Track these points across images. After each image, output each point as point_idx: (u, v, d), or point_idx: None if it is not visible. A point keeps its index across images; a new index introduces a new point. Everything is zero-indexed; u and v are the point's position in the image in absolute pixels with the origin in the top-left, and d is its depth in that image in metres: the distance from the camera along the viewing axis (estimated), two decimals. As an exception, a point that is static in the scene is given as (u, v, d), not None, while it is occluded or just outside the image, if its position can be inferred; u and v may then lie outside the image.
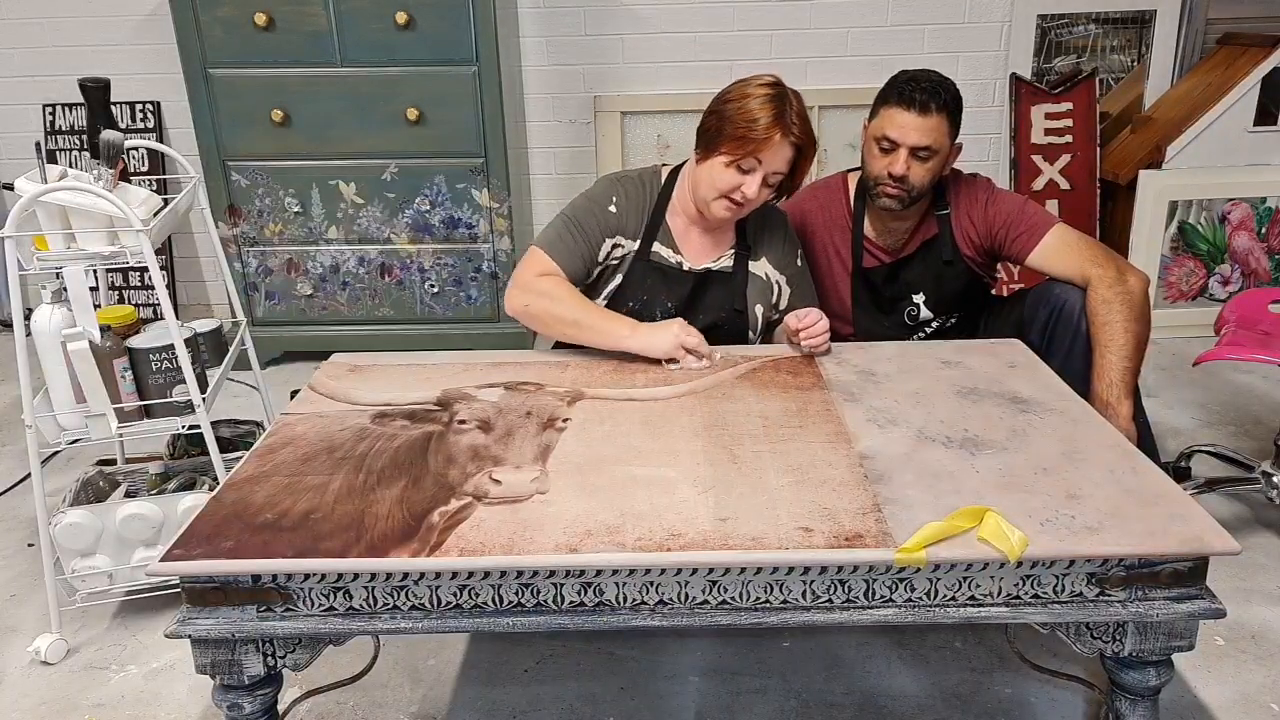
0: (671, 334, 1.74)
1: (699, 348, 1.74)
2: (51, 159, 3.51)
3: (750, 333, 1.94)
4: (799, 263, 2.01)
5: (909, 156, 1.91)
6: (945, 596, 1.21)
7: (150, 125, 3.57)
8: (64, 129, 3.60)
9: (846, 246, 2.10)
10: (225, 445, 2.09)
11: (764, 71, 1.84)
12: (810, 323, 1.79)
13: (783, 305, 1.99)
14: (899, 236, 2.08)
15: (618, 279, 1.91)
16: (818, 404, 1.58)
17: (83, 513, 1.85)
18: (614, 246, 1.91)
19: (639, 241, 1.91)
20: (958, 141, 1.98)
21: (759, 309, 1.94)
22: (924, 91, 1.89)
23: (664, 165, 2.00)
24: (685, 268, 1.92)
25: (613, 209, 1.90)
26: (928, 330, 2.14)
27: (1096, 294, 1.85)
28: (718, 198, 1.81)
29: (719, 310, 1.91)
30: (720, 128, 1.77)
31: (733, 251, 1.94)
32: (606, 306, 1.89)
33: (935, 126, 1.90)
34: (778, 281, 1.97)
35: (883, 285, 2.11)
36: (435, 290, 3.26)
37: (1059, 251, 1.94)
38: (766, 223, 1.99)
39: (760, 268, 1.95)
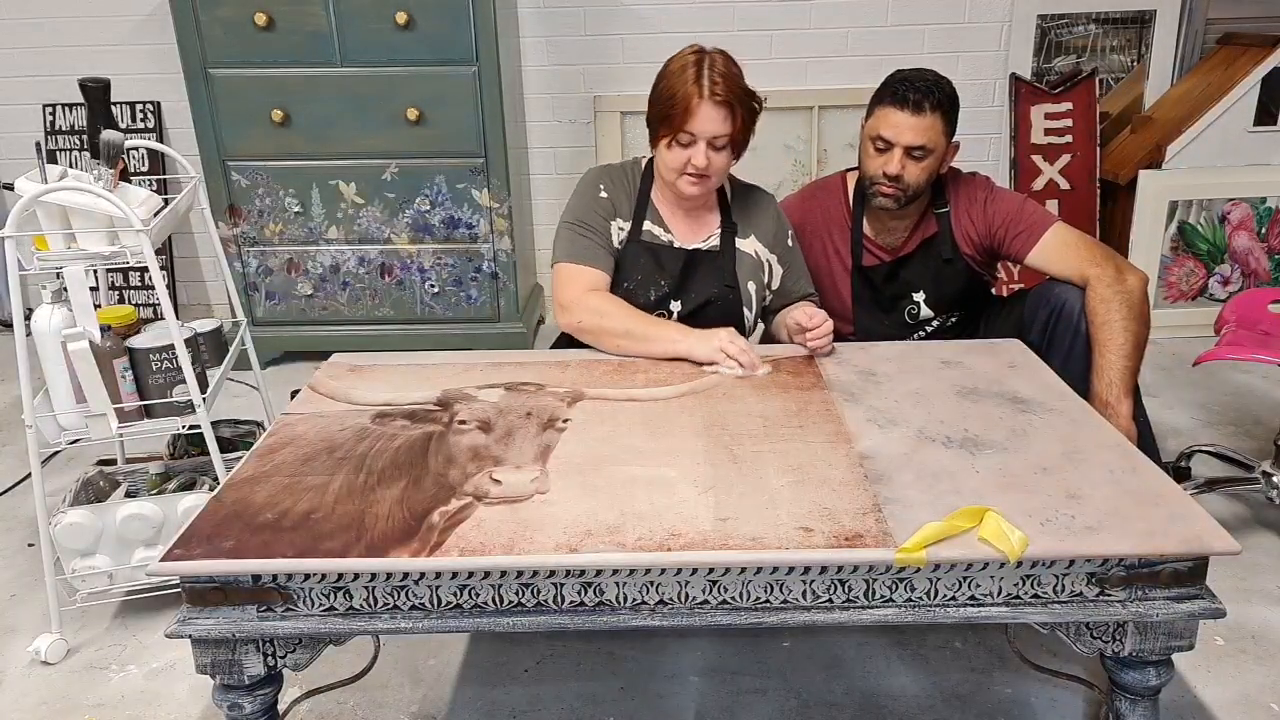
0: (716, 341, 1.75)
1: (739, 356, 1.72)
2: (51, 159, 3.51)
3: (746, 310, 1.95)
4: (790, 243, 2.02)
5: (904, 156, 1.92)
6: (945, 596, 1.21)
7: (150, 125, 3.57)
8: (64, 129, 3.60)
9: (846, 245, 2.10)
10: (225, 445, 2.09)
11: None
12: (819, 323, 1.80)
13: (774, 285, 2.00)
14: (898, 235, 2.08)
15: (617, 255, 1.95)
16: (818, 404, 1.58)
17: (83, 513, 1.85)
18: (618, 229, 1.95)
19: (630, 222, 1.94)
20: (955, 140, 1.98)
21: (751, 286, 1.96)
22: (918, 91, 1.89)
23: (643, 156, 2.03)
24: (676, 245, 1.94)
25: (603, 194, 1.95)
26: (928, 329, 2.14)
27: (1096, 293, 1.85)
28: (678, 177, 1.85)
29: (711, 288, 1.93)
30: (652, 113, 1.84)
31: (719, 231, 1.96)
32: (610, 284, 1.92)
33: (930, 126, 1.90)
34: (768, 260, 1.98)
35: (883, 284, 2.11)
36: (435, 290, 3.26)
37: (1058, 251, 1.94)
38: (751, 203, 2.01)
39: (749, 245, 1.97)
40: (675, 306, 1.93)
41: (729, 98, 1.78)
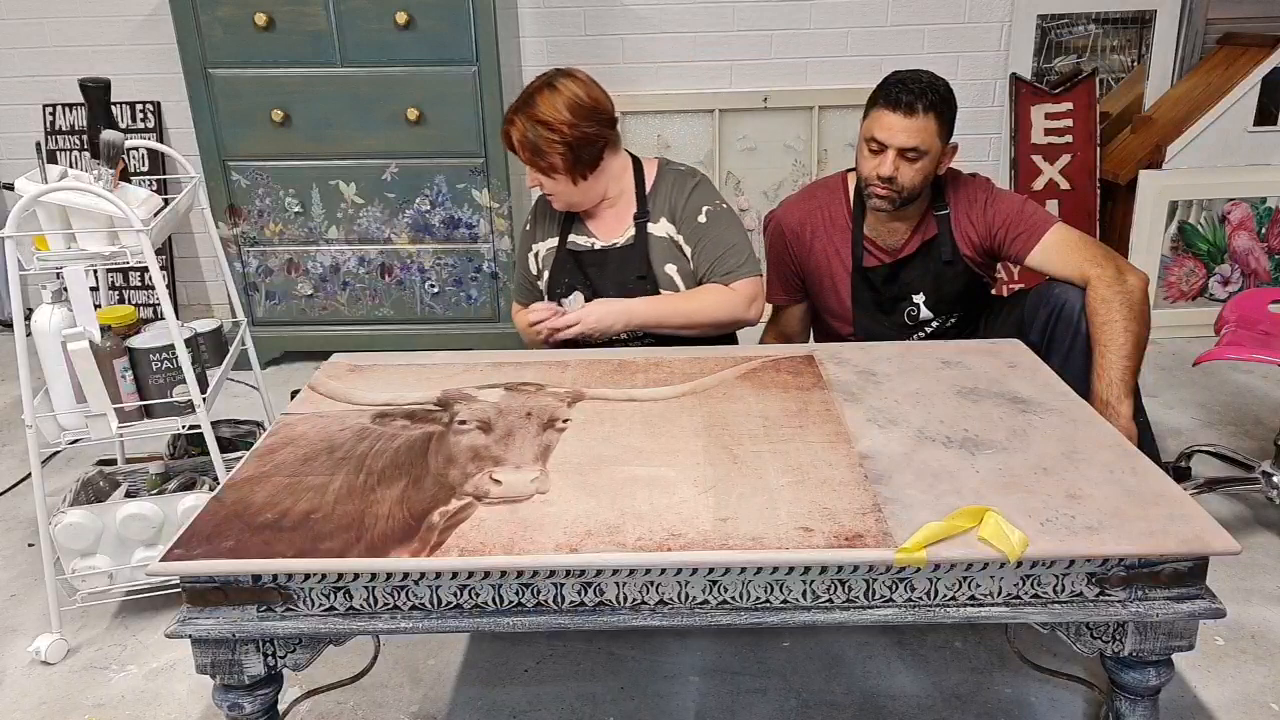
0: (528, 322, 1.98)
1: (544, 325, 1.91)
2: (51, 159, 3.51)
3: (667, 293, 1.98)
4: (701, 219, 1.98)
5: (897, 158, 1.92)
6: (945, 596, 1.21)
7: (150, 125, 3.57)
8: (64, 129, 3.60)
9: (846, 246, 2.10)
10: (225, 445, 2.09)
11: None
12: (540, 316, 1.91)
13: (692, 263, 2.00)
14: (898, 237, 2.08)
15: (547, 273, 2.07)
16: (818, 404, 1.58)
17: (83, 513, 1.85)
18: (534, 255, 2.11)
19: (558, 237, 2.05)
20: (953, 142, 1.98)
21: (671, 268, 1.98)
22: (910, 93, 1.90)
23: None
24: (597, 247, 2.01)
25: (528, 226, 2.14)
26: (927, 330, 2.14)
27: (1096, 293, 1.85)
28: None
29: (625, 281, 1.98)
30: None
31: (634, 222, 2.00)
32: (547, 296, 2.08)
33: (922, 128, 1.90)
34: (677, 239, 1.99)
35: (883, 285, 2.11)
36: (435, 290, 3.26)
37: (1058, 251, 1.94)
38: (668, 186, 2.02)
39: (661, 229, 2.00)
40: None
41: (523, 132, 1.87)
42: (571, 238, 2.04)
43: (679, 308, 1.95)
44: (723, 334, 2.00)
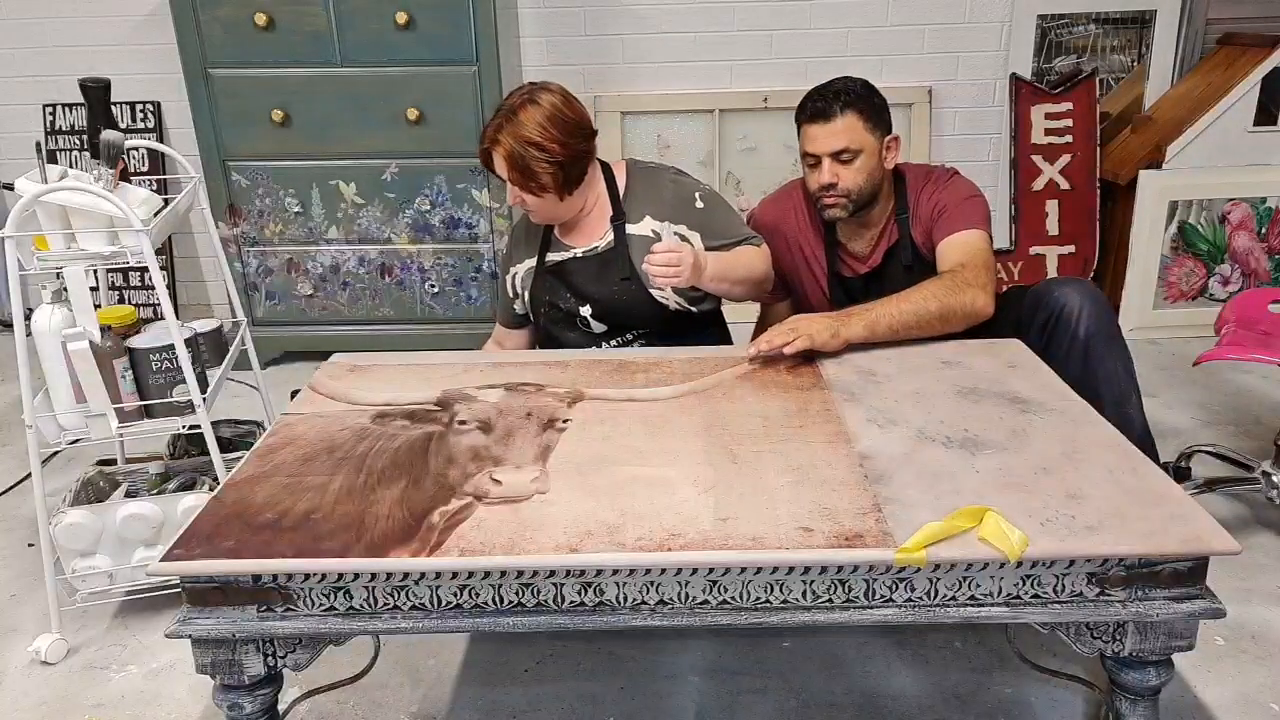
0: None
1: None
2: (51, 159, 3.51)
3: (654, 292, 1.95)
4: (699, 204, 1.98)
5: (832, 163, 1.94)
6: (945, 596, 1.21)
7: (150, 125, 3.57)
8: (64, 129, 3.60)
9: (820, 249, 2.10)
10: (225, 445, 2.09)
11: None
12: (660, 249, 1.78)
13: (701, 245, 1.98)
14: (866, 244, 2.08)
15: (526, 294, 2.06)
16: (818, 404, 1.58)
17: (83, 513, 1.85)
18: (513, 276, 2.09)
19: (535, 257, 2.03)
20: (893, 135, 1.98)
21: None
22: (823, 99, 1.93)
23: None
24: (577, 255, 1.99)
25: (504, 249, 2.14)
26: None
27: (935, 278, 1.84)
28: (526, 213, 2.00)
29: (609, 285, 1.96)
30: None
31: (610, 226, 1.98)
32: (531, 317, 2.09)
33: (845, 127, 1.91)
34: (675, 233, 1.95)
35: (860, 296, 2.08)
36: (435, 290, 3.26)
37: (953, 247, 1.91)
38: (644, 185, 2.01)
39: (643, 227, 1.97)
40: (586, 311, 1.98)
41: (510, 152, 1.84)
42: (549, 255, 2.02)
43: (736, 259, 1.94)
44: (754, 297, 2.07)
